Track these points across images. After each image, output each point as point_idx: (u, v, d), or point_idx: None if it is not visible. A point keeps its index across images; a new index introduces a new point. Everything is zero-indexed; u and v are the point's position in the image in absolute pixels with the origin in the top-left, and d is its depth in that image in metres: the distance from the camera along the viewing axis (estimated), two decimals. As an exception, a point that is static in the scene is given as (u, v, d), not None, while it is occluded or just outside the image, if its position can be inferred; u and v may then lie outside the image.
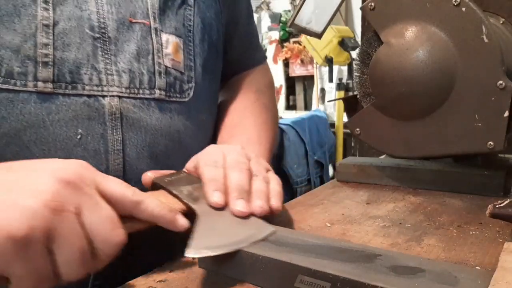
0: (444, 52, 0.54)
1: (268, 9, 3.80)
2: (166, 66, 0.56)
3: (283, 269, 0.35)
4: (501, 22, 0.68)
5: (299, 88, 3.68)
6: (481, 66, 0.53)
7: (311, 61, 3.37)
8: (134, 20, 0.53)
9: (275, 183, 0.48)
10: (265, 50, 3.82)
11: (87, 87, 0.50)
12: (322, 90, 3.37)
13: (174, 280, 0.40)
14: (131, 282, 0.40)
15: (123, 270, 0.47)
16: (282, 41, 3.61)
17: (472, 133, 0.54)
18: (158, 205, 0.39)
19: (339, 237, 0.47)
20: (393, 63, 0.57)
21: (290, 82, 3.69)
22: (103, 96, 0.51)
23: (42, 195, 0.32)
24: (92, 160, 0.50)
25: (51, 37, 0.48)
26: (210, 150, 0.51)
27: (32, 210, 0.31)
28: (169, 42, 0.56)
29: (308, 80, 3.59)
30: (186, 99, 0.58)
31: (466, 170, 0.62)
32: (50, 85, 0.48)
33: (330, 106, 3.20)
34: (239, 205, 0.42)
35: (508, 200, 0.43)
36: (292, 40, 3.56)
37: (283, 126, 2.52)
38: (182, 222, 0.40)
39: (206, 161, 0.47)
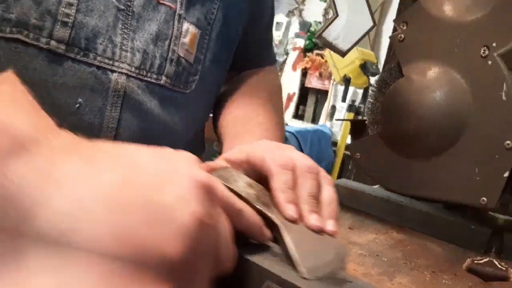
0: (461, 99, 0.54)
1: (300, 16, 3.81)
2: (179, 55, 0.55)
3: (250, 271, 0.35)
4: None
5: (311, 100, 3.68)
6: (493, 122, 0.53)
7: (329, 76, 3.37)
8: (161, 1, 0.52)
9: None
10: (288, 55, 3.82)
11: (98, 58, 0.48)
12: (333, 107, 3.37)
13: (144, 257, 0.40)
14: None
15: None
16: (306, 50, 3.61)
17: (469, 185, 0.54)
18: (254, 214, 0.34)
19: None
20: (409, 98, 0.57)
21: (304, 92, 3.69)
22: (112, 71, 0.49)
23: (191, 206, 0.24)
24: (84, 132, 0.47)
25: None
26: (268, 145, 0.46)
27: (185, 225, 0.24)
28: (189, 31, 0.55)
29: (321, 94, 3.59)
30: (188, 91, 0.58)
31: (453, 219, 0.62)
32: (63, 46, 0.46)
33: (337, 125, 3.20)
34: (313, 220, 0.38)
35: (487, 259, 0.43)
36: (315, 51, 3.56)
37: (286, 134, 2.52)
38: (267, 232, 0.35)
39: (276, 159, 0.40)
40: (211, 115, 0.72)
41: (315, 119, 3.60)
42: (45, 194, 0.21)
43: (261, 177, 0.41)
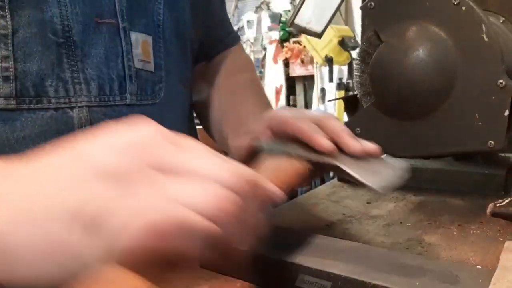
0: (444, 51, 0.54)
1: (268, 9, 3.80)
2: (136, 69, 0.52)
3: (284, 268, 0.35)
4: (501, 21, 0.67)
5: (299, 88, 3.68)
6: (481, 65, 0.53)
7: (311, 61, 3.37)
8: (100, 21, 0.49)
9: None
10: (266, 50, 3.82)
11: (53, 100, 0.46)
12: (322, 90, 3.36)
13: (174, 280, 0.40)
14: (132, 282, 0.40)
15: None
16: (282, 41, 3.61)
17: (473, 132, 0.54)
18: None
19: (340, 236, 0.47)
20: (393, 63, 0.57)
21: (290, 82, 3.69)
22: (71, 108, 0.47)
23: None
24: None
25: (10, 49, 0.43)
26: (283, 110, 0.49)
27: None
28: (139, 41, 0.52)
29: (308, 80, 3.59)
30: (157, 100, 0.56)
31: (466, 169, 0.62)
32: (13, 101, 0.44)
33: (330, 106, 3.19)
34: (355, 144, 0.43)
35: (509, 199, 0.43)
36: (292, 40, 3.55)
37: (283, 126, 2.51)
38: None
39: (296, 117, 0.46)
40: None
41: (307, 106, 3.60)
42: None
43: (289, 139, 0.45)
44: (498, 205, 0.43)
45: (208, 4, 0.68)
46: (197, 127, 0.75)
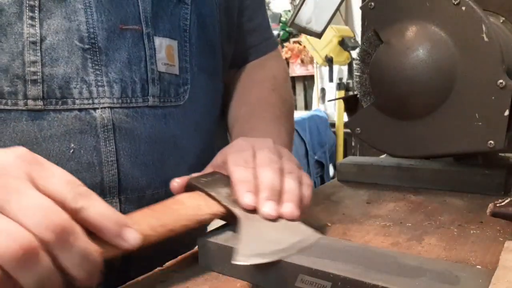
0: (444, 51, 0.54)
1: (268, 9, 3.80)
2: (159, 72, 0.54)
3: (284, 268, 0.35)
4: (501, 21, 0.67)
5: (299, 88, 3.68)
6: (481, 65, 0.53)
7: (311, 61, 3.37)
8: (125, 27, 0.51)
9: (307, 184, 0.45)
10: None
11: (77, 101, 0.49)
12: (323, 90, 3.36)
13: (175, 280, 0.40)
14: (132, 282, 0.40)
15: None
16: (282, 41, 3.61)
17: (473, 132, 0.54)
18: (105, 210, 0.32)
19: (339, 237, 0.47)
20: (393, 63, 0.57)
21: (290, 82, 3.69)
22: (94, 109, 0.50)
23: None
24: (86, 173, 0.50)
25: (38, 54, 0.47)
26: (240, 145, 0.49)
27: None
28: (163, 46, 0.54)
29: (308, 80, 3.59)
30: (181, 102, 0.57)
31: (466, 169, 0.62)
32: (40, 102, 0.47)
33: (330, 106, 3.19)
34: (267, 207, 0.40)
35: (509, 199, 0.43)
36: (292, 40, 3.56)
37: (283, 126, 2.51)
38: (133, 237, 0.33)
39: (236, 160, 0.45)
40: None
41: (307, 106, 3.60)
42: None
43: None
44: (498, 205, 0.43)
45: (242, 9, 0.69)
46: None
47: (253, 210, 0.40)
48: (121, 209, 0.52)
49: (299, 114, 3.00)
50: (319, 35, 0.73)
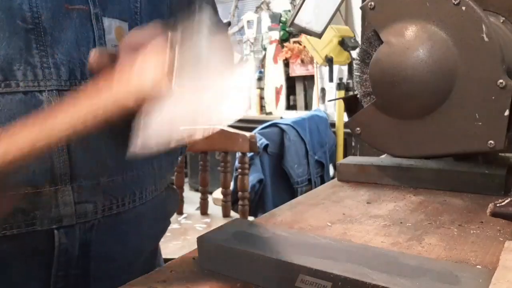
0: (444, 51, 0.54)
1: (268, 9, 3.80)
2: None
3: (284, 268, 0.35)
4: (501, 21, 0.67)
5: (299, 88, 3.68)
6: (481, 65, 0.53)
7: (311, 61, 3.37)
8: (71, 7, 0.49)
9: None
10: (266, 50, 3.83)
11: (21, 84, 0.46)
12: (323, 90, 3.36)
13: (174, 280, 0.40)
14: (132, 282, 0.40)
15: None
16: (282, 41, 3.61)
17: (473, 132, 0.54)
18: None
19: (340, 236, 0.47)
20: (394, 63, 0.57)
21: (291, 82, 3.69)
22: (41, 92, 0.47)
23: None
24: (35, 159, 0.46)
25: None
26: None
27: None
28: (112, 27, 0.52)
29: (308, 80, 3.59)
30: None
31: (466, 169, 0.62)
32: None
33: (330, 106, 3.19)
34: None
35: (509, 199, 0.43)
36: (292, 40, 3.56)
37: (283, 126, 2.52)
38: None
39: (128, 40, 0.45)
40: None
41: (307, 106, 3.60)
42: None
43: None
44: (498, 205, 0.43)
45: None
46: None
47: None
48: (74, 197, 0.49)
49: (299, 114, 3.00)
50: (319, 35, 0.73)
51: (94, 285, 0.48)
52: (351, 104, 0.69)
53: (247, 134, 1.37)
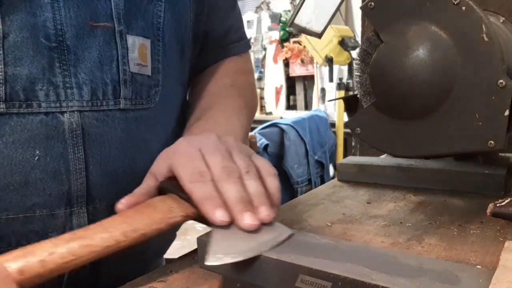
0: (444, 51, 0.54)
1: (268, 9, 3.81)
2: (132, 73, 0.51)
3: (284, 268, 0.35)
4: (501, 21, 0.67)
5: (299, 88, 3.68)
6: (481, 65, 0.53)
7: (311, 61, 3.37)
8: (95, 24, 0.47)
9: (270, 175, 0.44)
10: (266, 50, 3.82)
11: (43, 104, 0.45)
12: (323, 90, 3.37)
13: (174, 280, 0.40)
14: (132, 282, 0.40)
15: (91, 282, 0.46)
16: (282, 41, 3.61)
17: (473, 132, 0.54)
18: None
19: (340, 236, 0.47)
20: (394, 63, 0.57)
21: (291, 82, 3.69)
22: (62, 113, 0.46)
23: None
24: (52, 181, 0.46)
25: (1, 52, 0.43)
26: (185, 150, 0.45)
27: None
28: (136, 45, 0.51)
29: (308, 80, 3.59)
30: (152, 105, 0.54)
31: (466, 169, 0.62)
32: (2, 105, 0.43)
33: (330, 106, 3.20)
34: (247, 219, 0.39)
35: (509, 199, 0.43)
36: (292, 40, 3.56)
37: (283, 126, 2.52)
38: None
39: (190, 175, 0.42)
40: None
41: (307, 106, 3.60)
42: None
43: None
44: (498, 205, 0.43)
45: (212, 9, 0.65)
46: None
47: None
48: (89, 219, 0.49)
49: (299, 114, 3.00)
50: (319, 35, 0.73)
51: None
52: (351, 104, 0.69)
53: (247, 134, 1.37)
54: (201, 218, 0.42)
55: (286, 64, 3.62)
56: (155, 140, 0.55)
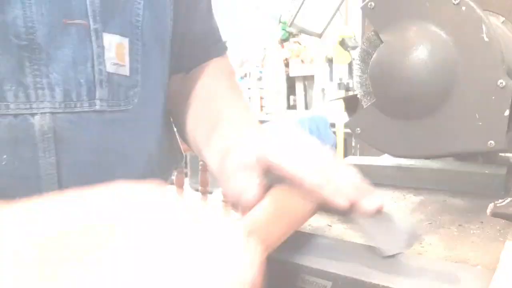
0: (444, 51, 0.54)
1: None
2: (108, 73, 0.48)
3: (285, 268, 0.35)
4: (501, 21, 0.68)
5: (299, 88, 3.68)
6: (482, 65, 0.53)
7: (311, 61, 3.37)
8: (69, 21, 0.45)
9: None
10: (265, 50, 3.82)
11: (12, 106, 0.42)
12: (323, 90, 3.37)
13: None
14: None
15: None
16: (282, 41, 3.61)
17: (473, 132, 0.54)
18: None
19: (340, 237, 0.47)
20: (394, 63, 0.57)
21: (291, 82, 3.69)
22: (32, 115, 0.43)
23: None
24: (21, 188, 0.44)
25: None
26: (276, 141, 0.43)
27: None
28: (112, 44, 0.48)
29: (308, 80, 3.59)
30: (131, 107, 0.51)
31: (467, 169, 0.62)
32: None
33: (330, 106, 3.19)
34: (372, 202, 0.39)
35: (509, 199, 0.43)
36: (292, 40, 3.56)
37: (283, 126, 2.52)
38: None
39: (296, 162, 0.39)
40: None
41: (307, 106, 3.60)
42: None
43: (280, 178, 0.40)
44: (498, 205, 0.43)
45: (193, 10, 0.63)
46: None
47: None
48: None
49: (299, 114, 3.00)
50: (319, 35, 0.73)
51: None
52: (351, 104, 0.69)
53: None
54: (324, 209, 0.40)
55: (286, 64, 3.62)
56: (134, 144, 0.53)
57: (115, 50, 0.49)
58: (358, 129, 0.64)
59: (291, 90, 3.70)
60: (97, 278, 0.21)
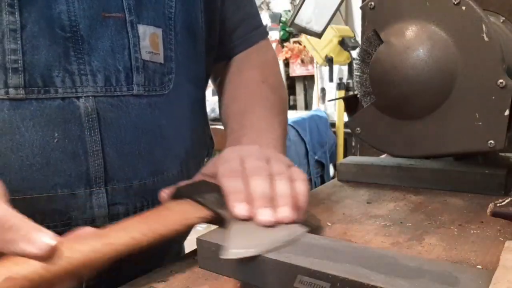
0: (444, 51, 0.54)
1: (268, 9, 3.80)
2: (144, 60, 0.53)
3: (283, 269, 0.35)
4: (501, 21, 0.67)
5: (299, 88, 3.68)
6: (482, 65, 0.53)
7: (311, 61, 3.37)
8: (107, 15, 0.50)
9: (301, 180, 0.46)
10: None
11: (60, 90, 0.48)
12: (323, 90, 3.36)
13: (175, 280, 0.40)
14: (132, 282, 0.40)
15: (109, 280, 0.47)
16: (282, 41, 3.61)
17: (473, 132, 0.54)
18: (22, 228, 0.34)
19: (340, 236, 0.47)
20: (394, 62, 0.57)
21: (291, 82, 3.69)
22: (78, 98, 0.49)
23: None
24: (71, 162, 0.49)
25: (19, 42, 0.46)
26: (228, 156, 0.50)
27: None
28: (147, 34, 0.53)
29: (308, 80, 3.59)
30: (166, 92, 0.56)
31: (466, 169, 0.62)
32: (22, 91, 0.46)
33: (330, 106, 3.19)
34: (264, 215, 0.41)
35: (509, 199, 0.43)
36: (292, 40, 3.56)
37: (283, 126, 2.51)
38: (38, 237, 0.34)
39: (224, 171, 0.46)
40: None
41: (308, 106, 3.60)
42: None
43: None
44: (498, 205, 0.43)
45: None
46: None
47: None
48: (108, 199, 0.52)
49: (299, 114, 3.00)
50: (319, 35, 0.73)
51: (123, 281, 0.48)
52: (351, 104, 0.69)
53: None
54: (215, 220, 0.44)
55: (286, 64, 3.62)
56: (171, 127, 0.57)
57: (149, 39, 0.54)
58: (358, 129, 0.64)
59: (291, 90, 3.70)
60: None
